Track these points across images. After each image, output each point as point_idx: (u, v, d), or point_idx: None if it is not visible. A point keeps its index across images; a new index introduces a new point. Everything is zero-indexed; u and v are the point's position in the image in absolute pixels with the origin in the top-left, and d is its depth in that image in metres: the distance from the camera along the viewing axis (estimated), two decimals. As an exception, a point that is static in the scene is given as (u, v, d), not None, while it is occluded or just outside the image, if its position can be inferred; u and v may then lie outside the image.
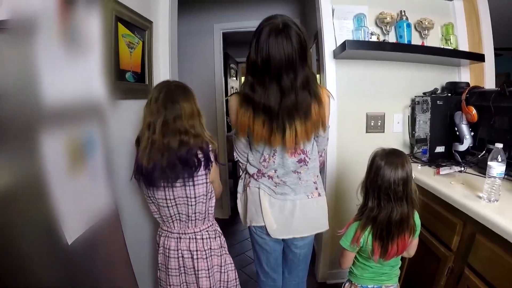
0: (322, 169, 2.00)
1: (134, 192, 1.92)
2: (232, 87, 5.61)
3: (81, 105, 1.11)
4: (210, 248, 1.69)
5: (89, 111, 1.17)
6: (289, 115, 1.43)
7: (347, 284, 1.64)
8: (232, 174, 4.59)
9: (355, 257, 1.55)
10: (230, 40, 4.21)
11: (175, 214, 1.64)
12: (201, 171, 1.57)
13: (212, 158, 1.62)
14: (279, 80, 1.38)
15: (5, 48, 0.76)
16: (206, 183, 1.61)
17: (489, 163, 1.40)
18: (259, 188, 1.63)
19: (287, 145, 1.49)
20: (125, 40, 1.85)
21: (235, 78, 6.05)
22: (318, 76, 2.83)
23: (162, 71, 2.34)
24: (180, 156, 1.50)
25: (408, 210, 1.36)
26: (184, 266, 1.68)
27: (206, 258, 1.68)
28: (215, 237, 1.73)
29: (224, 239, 1.81)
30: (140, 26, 2.04)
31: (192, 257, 1.66)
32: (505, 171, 1.51)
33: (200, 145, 1.56)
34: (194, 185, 1.58)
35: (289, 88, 1.39)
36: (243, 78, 7.91)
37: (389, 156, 1.38)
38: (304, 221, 1.64)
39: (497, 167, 1.37)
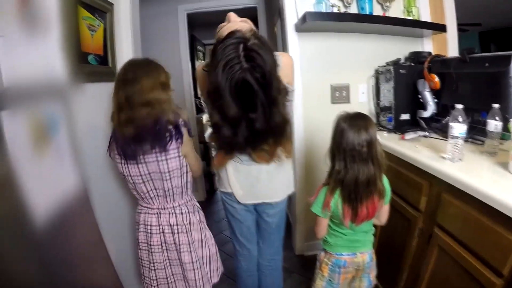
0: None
1: (107, 172, 1.93)
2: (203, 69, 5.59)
3: (42, 86, 1.07)
4: (190, 223, 1.70)
5: (50, 92, 1.13)
6: None
7: (322, 253, 1.66)
8: (204, 156, 4.60)
9: (329, 226, 1.58)
10: (196, 22, 4.19)
11: (151, 190, 1.64)
12: (173, 144, 1.56)
13: (183, 131, 1.60)
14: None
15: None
16: (179, 156, 1.60)
17: (450, 123, 1.45)
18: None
19: None
20: (85, 23, 1.82)
21: (202, 61, 5.97)
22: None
23: (125, 53, 2.30)
24: (148, 128, 1.49)
25: (375, 172, 1.39)
26: (165, 242, 1.68)
27: (186, 232, 1.68)
28: (193, 212, 1.74)
29: (202, 213, 1.83)
30: (100, 8, 2.01)
31: (172, 232, 1.67)
32: (468, 134, 1.59)
33: (167, 117, 1.53)
34: (166, 159, 1.57)
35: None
36: None
37: (353, 119, 1.41)
38: (271, 186, 1.67)
39: (458, 127, 1.42)
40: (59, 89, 1.19)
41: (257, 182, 1.64)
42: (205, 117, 4.86)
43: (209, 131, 1.69)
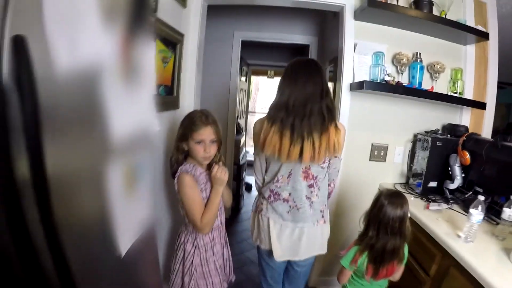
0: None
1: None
2: (242, 89, 5.73)
3: (138, 135, 1.19)
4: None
5: (143, 139, 1.24)
6: (308, 127, 1.62)
7: None
8: (236, 176, 4.64)
9: (350, 276, 1.81)
10: (244, 42, 4.36)
11: None
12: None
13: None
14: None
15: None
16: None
17: (470, 210, 1.65)
18: (269, 218, 1.78)
19: (304, 157, 1.62)
20: (160, 56, 1.93)
21: (244, 79, 6.10)
22: None
23: (188, 82, 2.45)
24: None
25: (400, 243, 1.63)
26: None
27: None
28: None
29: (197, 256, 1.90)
30: (174, 40, 2.12)
31: None
32: (486, 213, 1.79)
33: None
34: None
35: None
36: (252, 78, 8.02)
37: (392, 196, 1.65)
38: (308, 246, 1.81)
39: (476, 215, 1.63)
40: (149, 135, 1.38)
41: (299, 242, 1.78)
42: (242, 139, 5.04)
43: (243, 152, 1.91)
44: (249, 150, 6.08)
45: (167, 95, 2.11)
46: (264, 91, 10.90)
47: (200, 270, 1.86)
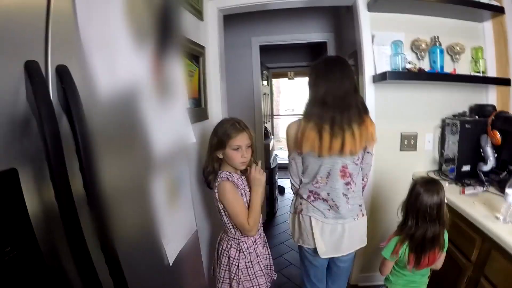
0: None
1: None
2: (265, 93, 5.78)
3: (176, 148, 1.29)
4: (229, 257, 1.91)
5: (181, 151, 1.35)
6: (348, 119, 1.69)
7: None
8: (269, 180, 4.58)
9: (393, 267, 1.81)
10: (263, 47, 4.42)
11: None
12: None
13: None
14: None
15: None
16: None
17: (506, 190, 1.62)
18: (310, 217, 1.82)
19: (345, 149, 1.69)
20: (186, 70, 2.00)
21: (266, 83, 6.13)
22: None
23: (214, 92, 2.51)
24: None
25: (440, 230, 1.62)
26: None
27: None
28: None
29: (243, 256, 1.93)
30: (196, 54, 2.20)
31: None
32: None
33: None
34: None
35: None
36: (273, 81, 8.02)
37: (427, 184, 1.64)
38: (350, 241, 1.86)
39: (512, 194, 1.59)
40: (186, 147, 1.43)
41: (342, 239, 1.83)
42: (271, 143, 5.07)
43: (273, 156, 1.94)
44: (278, 153, 6.09)
45: (196, 107, 2.19)
46: (285, 93, 10.93)
47: (246, 273, 1.90)
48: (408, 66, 2.45)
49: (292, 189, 2.00)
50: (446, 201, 1.67)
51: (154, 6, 1.18)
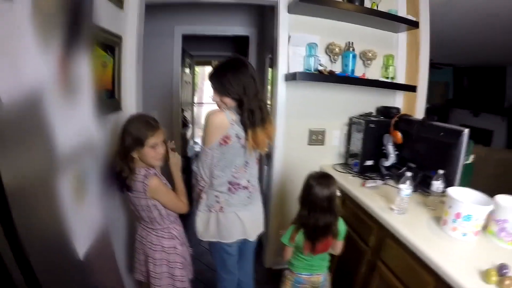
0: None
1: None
2: (186, 81, 5.71)
3: (81, 144, 1.25)
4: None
5: (86, 147, 1.31)
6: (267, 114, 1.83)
7: (286, 271, 2.06)
8: (185, 169, 4.65)
9: (294, 251, 1.95)
10: (186, 35, 4.36)
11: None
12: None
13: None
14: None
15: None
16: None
17: (399, 185, 1.83)
18: (235, 211, 1.87)
19: (271, 135, 1.90)
20: (99, 61, 1.89)
21: (188, 71, 6.06)
22: (269, 88, 3.28)
23: (128, 83, 2.42)
24: None
25: (331, 220, 1.78)
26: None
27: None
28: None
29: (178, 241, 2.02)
30: (111, 44, 2.08)
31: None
32: (420, 186, 2.06)
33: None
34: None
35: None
36: (196, 69, 7.91)
37: (320, 178, 1.80)
38: (261, 221, 2.07)
39: (405, 189, 1.81)
40: (92, 143, 1.38)
41: (260, 219, 2.06)
42: (188, 133, 5.06)
43: (190, 144, 1.97)
44: (198, 141, 6.05)
45: (109, 99, 2.09)
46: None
47: (182, 256, 2.01)
48: (320, 68, 2.60)
49: (199, 183, 1.91)
50: (339, 194, 1.85)
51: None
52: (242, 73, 1.74)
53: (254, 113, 1.74)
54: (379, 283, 1.87)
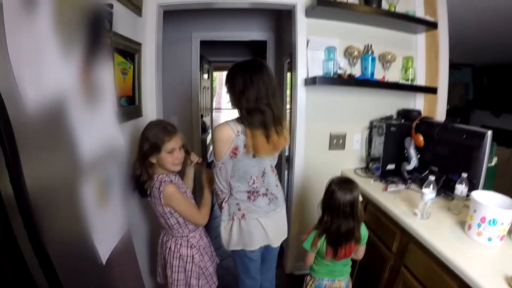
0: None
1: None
2: (205, 87, 5.72)
3: (104, 151, 1.28)
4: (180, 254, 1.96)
5: (109, 153, 1.35)
6: (276, 120, 1.76)
7: (308, 277, 2.04)
8: None
9: (315, 257, 1.94)
10: (204, 41, 4.38)
11: None
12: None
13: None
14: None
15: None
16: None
17: (423, 189, 1.80)
18: (257, 218, 1.86)
19: (285, 143, 1.86)
20: (120, 68, 1.94)
21: (206, 77, 6.09)
22: (288, 92, 3.28)
23: (149, 89, 2.46)
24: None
25: (354, 225, 1.77)
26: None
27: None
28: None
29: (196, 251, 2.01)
30: (131, 51, 2.13)
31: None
32: (442, 190, 2.01)
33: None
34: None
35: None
36: (217, 74, 7.89)
37: (342, 183, 1.78)
38: (286, 225, 2.05)
39: (428, 194, 1.78)
40: (115, 149, 1.42)
41: (283, 225, 2.04)
42: (208, 138, 5.09)
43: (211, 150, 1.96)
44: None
45: (129, 105, 2.12)
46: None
47: (200, 267, 2.00)
48: (339, 71, 2.60)
49: (219, 196, 1.91)
50: (361, 198, 1.85)
51: (84, 8, 1.17)
52: (241, 74, 1.73)
53: (252, 115, 1.70)
54: (403, 289, 1.84)
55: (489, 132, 1.92)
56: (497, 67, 5.87)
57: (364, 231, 1.87)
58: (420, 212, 1.83)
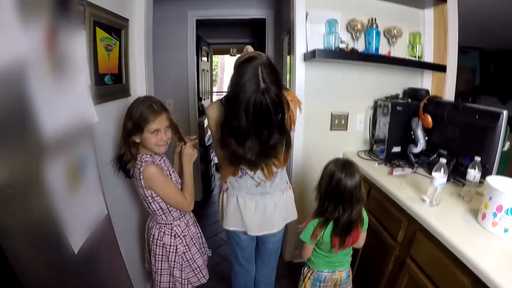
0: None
1: (119, 187, 2.05)
2: (203, 70, 5.64)
3: (75, 129, 1.17)
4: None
5: (81, 132, 1.23)
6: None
7: (305, 268, 1.90)
8: (203, 157, 4.64)
9: (313, 248, 1.79)
10: (202, 22, 4.25)
11: None
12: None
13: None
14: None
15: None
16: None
17: (433, 173, 1.63)
18: (237, 196, 1.76)
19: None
20: (103, 44, 1.84)
21: (206, 60, 6.02)
22: (288, 76, 3.02)
23: (138, 67, 2.36)
24: None
25: (360, 208, 1.64)
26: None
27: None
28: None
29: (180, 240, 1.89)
30: (117, 26, 2.00)
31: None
32: (452, 175, 1.84)
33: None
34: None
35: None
36: (218, 58, 7.80)
37: (345, 168, 1.61)
38: (280, 217, 1.84)
39: (439, 178, 1.61)
40: (88, 127, 1.29)
41: (271, 214, 1.80)
42: (206, 121, 4.96)
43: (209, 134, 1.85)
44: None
45: (115, 84, 2.01)
46: (230, 70, 10.84)
47: (185, 258, 1.87)
48: (341, 45, 2.42)
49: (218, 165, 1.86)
50: (374, 182, 1.71)
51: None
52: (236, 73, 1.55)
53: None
54: (408, 283, 1.69)
55: (505, 112, 1.77)
56: (505, 52, 5.73)
57: (365, 215, 1.74)
58: (429, 198, 1.67)
